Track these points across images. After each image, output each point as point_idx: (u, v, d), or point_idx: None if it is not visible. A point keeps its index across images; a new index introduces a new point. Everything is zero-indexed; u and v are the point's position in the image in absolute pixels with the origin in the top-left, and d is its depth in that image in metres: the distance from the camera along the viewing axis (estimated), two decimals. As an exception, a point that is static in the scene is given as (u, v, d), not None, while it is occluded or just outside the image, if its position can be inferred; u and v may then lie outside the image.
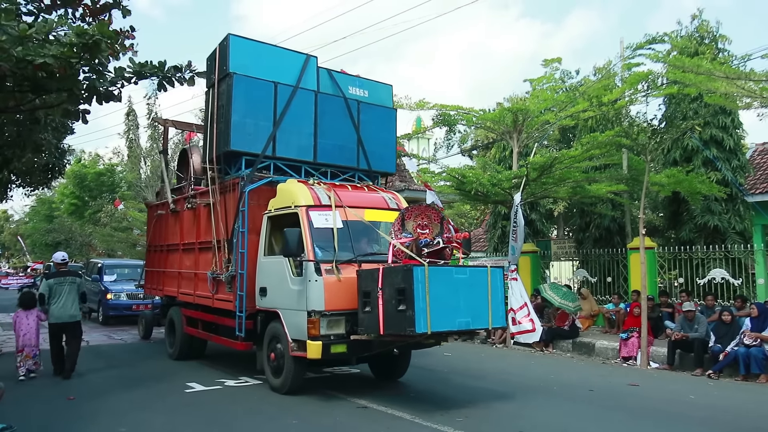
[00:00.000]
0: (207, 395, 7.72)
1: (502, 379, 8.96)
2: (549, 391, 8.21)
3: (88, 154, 41.44)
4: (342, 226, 7.59)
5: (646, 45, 12.49)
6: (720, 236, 13.84)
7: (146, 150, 34.90)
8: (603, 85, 13.37)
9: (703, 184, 12.75)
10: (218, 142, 8.74)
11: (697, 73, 10.72)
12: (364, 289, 6.82)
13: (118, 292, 16.71)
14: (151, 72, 6.26)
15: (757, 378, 8.98)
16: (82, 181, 38.10)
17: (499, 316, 6.93)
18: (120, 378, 8.86)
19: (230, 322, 8.71)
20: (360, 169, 9.54)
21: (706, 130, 14.17)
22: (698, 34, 14.82)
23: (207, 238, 9.54)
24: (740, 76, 10.49)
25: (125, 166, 36.83)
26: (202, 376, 8.82)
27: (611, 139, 12.49)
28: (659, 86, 12.96)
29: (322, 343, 6.93)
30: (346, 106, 9.43)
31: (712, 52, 13.99)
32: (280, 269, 7.66)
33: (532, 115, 13.70)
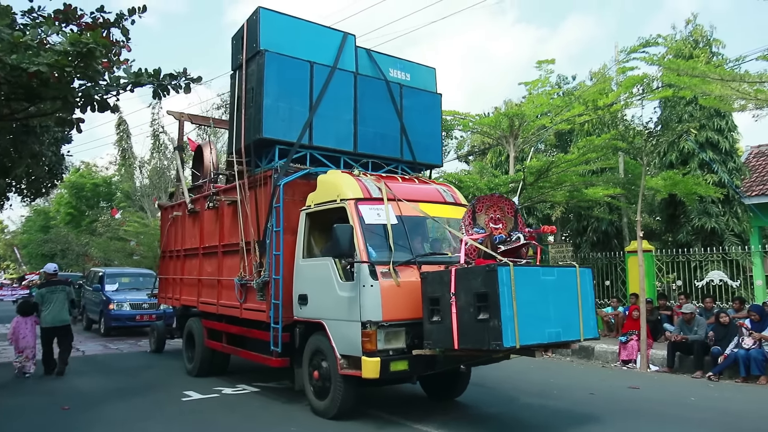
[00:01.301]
0: (204, 404, 7.55)
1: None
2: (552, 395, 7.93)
3: (86, 165, 40.95)
4: (396, 222, 6.52)
5: (640, 48, 12.53)
6: (717, 238, 13.95)
7: (142, 159, 34.68)
8: (598, 89, 13.60)
9: (700, 186, 12.84)
10: (247, 129, 7.69)
11: (692, 75, 10.84)
12: (430, 295, 5.74)
13: (120, 301, 15.69)
14: (146, 80, 6.23)
15: (757, 380, 8.99)
16: (79, 191, 37.95)
17: (590, 325, 5.85)
18: (116, 388, 8.62)
19: (262, 335, 7.64)
20: (404, 160, 8.48)
21: (701, 133, 14.39)
22: (692, 38, 15.12)
23: (233, 240, 8.48)
24: (735, 78, 10.57)
25: (121, 176, 36.24)
26: (199, 385, 8.65)
27: (607, 142, 12.85)
28: (654, 90, 13.22)
29: (380, 359, 5.84)
30: (387, 89, 8.40)
31: (707, 56, 14.17)
32: (324, 273, 6.59)
33: (528, 119, 13.61)
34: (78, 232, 37.32)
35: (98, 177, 39.56)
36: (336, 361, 6.30)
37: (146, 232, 26.75)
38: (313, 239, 7.22)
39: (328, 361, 6.51)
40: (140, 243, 28.12)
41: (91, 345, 14.06)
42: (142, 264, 25.39)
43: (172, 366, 10.73)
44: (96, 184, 38.68)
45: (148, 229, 26.74)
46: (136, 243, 28.33)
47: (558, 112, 13.92)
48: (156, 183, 31.84)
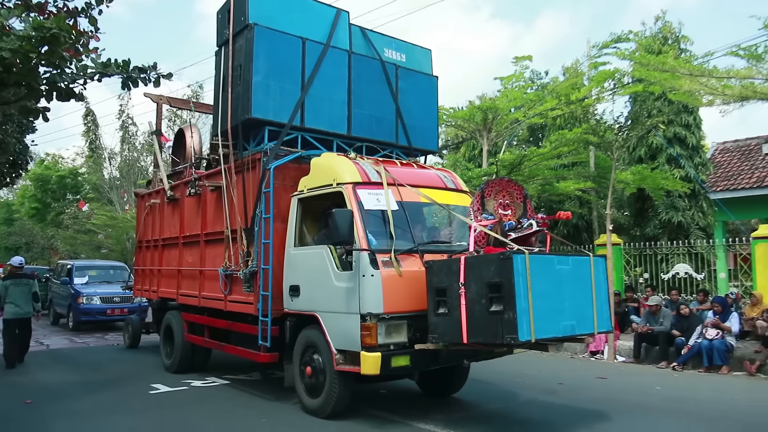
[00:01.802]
0: (173, 396, 7.40)
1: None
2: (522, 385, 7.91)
3: (51, 157, 39.73)
4: (397, 208, 6.11)
5: (612, 44, 12.78)
6: (683, 232, 14.22)
7: (111, 151, 33.96)
8: (571, 83, 13.84)
9: (667, 180, 13.12)
10: (234, 109, 7.19)
11: (661, 70, 11.04)
12: (437, 285, 5.34)
13: (90, 295, 15.04)
14: (114, 71, 6.12)
15: (719, 369, 9.21)
16: (45, 184, 36.75)
17: (604, 318, 5.51)
18: (81, 381, 8.37)
19: (248, 329, 7.17)
20: (399, 145, 8.06)
21: (669, 129, 14.63)
22: (662, 34, 15.35)
23: (216, 228, 7.97)
24: (703, 74, 10.75)
25: (88, 168, 35.34)
26: (168, 378, 8.49)
27: (579, 136, 12.98)
28: (625, 85, 13.47)
29: (381, 354, 5.42)
30: (383, 70, 7.96)
31: (675, 52, 14.38)
32: (318, 262, 6.14)
33: (502, 113, 13.66)
34: (43, 225, 36.22)
35: (64, 169, 38.38)
36: (331, 357, 5.87)
37: (115, 225, 26.21)
38: (306, 227, 6.78)
39: (322, 357, 6.07)
40: (108, 236, 27.58)
41: (56, 339, 13.68)
42: (110, 257, 24.93)
43: (140, 359, 10.55)
44: (62, 176, 37.31)
45: (117, 222, 26.19)
46: (104, 236, 27.76)
47: (531, 106, 14.11)
48: (125, 175, 31.14)
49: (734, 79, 10.62)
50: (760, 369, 8.97)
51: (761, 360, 8.98)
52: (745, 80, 10.48)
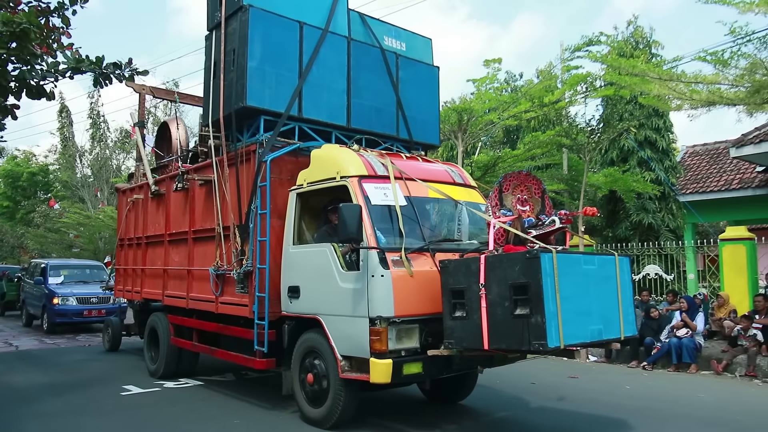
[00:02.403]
0: (144, 398, 7.30)
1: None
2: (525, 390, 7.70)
3: (22, 152, 38.81)
4: (405, 203, 5.70)
5: (584, 47, 12.94)
6: (654, 233, 14.39)
7: (83, 148, 33.51)
8: (544, 86, 14.00)
9: (638, 183, 13.36)
10: (227, 97, 6.71)
11: (632, 74, 11.15)
12: (453, 286, 4.95)
13: (65, 295, 14.37)
14: (87, 68, 5.96)
15: (688, 368, 9.33)
16: (14, 181, 35.95)
17: (629, 321, 5.17)
18: (51, 383, 8.21)
19: (242, 333, 6.72)
20: (399, 138, 7.65)
21: (640, 132, 14.87)
22: (633, 39, 15.57)
23: (206, 225, 7.49)
24: (672, 78, 10.85)
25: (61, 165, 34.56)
26: (140, 379, 8.34)
27: (552, 138, 13.32)
28: (597, 88, 13.64)
29: (392, 361, 5.01)
30: (383, 59, 7.54)
31: (646, 56, 14.65)
32: (321, 262, 5.71)
33: (477, 114, 13.74)
34: (13, 223, 35.48)
35: (35, 166, 37.44)
36: (336, 363, 5.45)
37: (87, 224, 25.73)
38: (304, 223, 6.34)
39: (325, 363, 5.64)
40: (80, 235, 27.04)
41: (26, 340, 13.41)
42: (81, 256, 24.43)
43: (112, 361, 10.38)
44: (33, 173, 36.75)
45: (89, 221, 25.72)
46: (75, 235, 27.16)
47: (505, 108, 14.26)
48: (97, 173, 30.55)
49: (702, 84, 10.68)
50: (726, 368, 9.09)
51: (728, 359, 9.12)
52: (712, 85, 10.55)
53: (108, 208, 26.75)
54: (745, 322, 9.22)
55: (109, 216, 24.86)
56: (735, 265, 10.81)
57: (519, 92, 15.44)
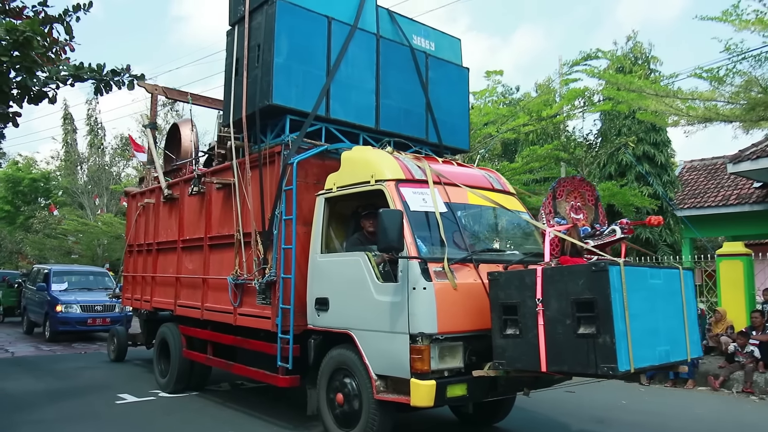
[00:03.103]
0: (140, 407, 7.29)
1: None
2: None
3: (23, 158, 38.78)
4: (446, 209, 5.28)
5: (582, 62, 13.15)
6: (651, 248, 14.22)
7: (83, 155, 33.65)
8: (543, 100, 14.28)
9: (636, 197, 13.44)
10: (250, 96, 6.31)
11: (629, 90, 11.29)
12: (505, 301, 4.52)
13: (69, 303, 13.82)
14: (88, 75, 5.96)
15: (686, 383, 9.16)
16: (15, 186, 35.74)
17: (695, 340, 4.74)
18: (46, 390, 8.19)
19: (263, 347, 6.28)
20: (429, 142, 7.24)
21: (639, 146, 14.85)
22: (632, 54, 15.60)
23: (224, 231, 7.07)
24: (668, 94, 10.89)
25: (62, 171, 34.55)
26: (135, 387, 8.31)
27: (550, 152, 13.54)
28: (595, 103, 13.87)
29: (435, 382, 4.57)
30: (412, 58, 7.15)
31: (645, 71, 14.66)
32: (353, 272, 5.28)
33: (475, 127, 13.71)
34: (12, 229, 35.38)
35: (37, 172, 37.30)
36: (370, 383, 5.01)
37: (85, 230, 25.69)
38: (333, 231, 5.91)
39: (358, 382, 5.20)
40: (78, 241, 26.94)
41: (22, 346, 13.28)
42: (79, 263, 24.34)
43: (108, 368, 10.32)
44: (34, 179, 36.54)
45: (88, 227, 25.73)
46: (74, 241, 26.99)
47: (504, 121, 14.28)
48: (96, 180, 30.47)
49: (698, 101, 10.75)
50: (723, 384, 8.99)
51: (725, 375, 9.00)
52: (708, 102, 10.60)
53: (107, 215, 26.59)
54: (742, 339, 9.11)
55: (107, 223, 24.68)
56: (732, 281, 10.64)
57: (517, 106, 15.60)
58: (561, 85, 14.95)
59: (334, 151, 6.20)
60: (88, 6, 5.95)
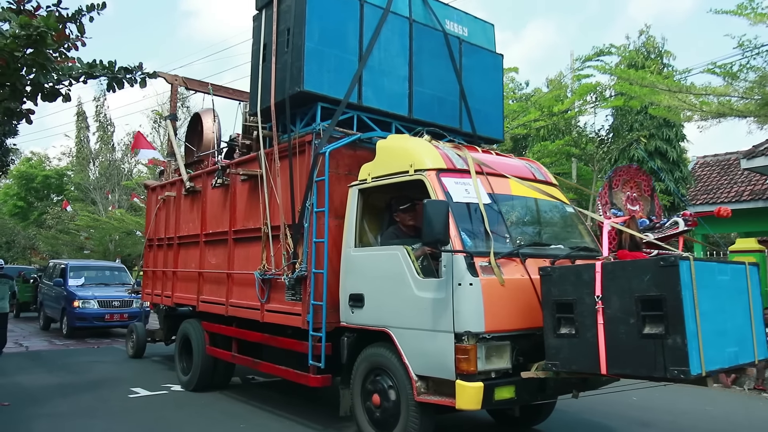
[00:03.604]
0: (152, 400, 7.35)
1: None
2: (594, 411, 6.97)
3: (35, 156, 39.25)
4: (489, 201, 4.98)
5: (595, 57, 13.18)
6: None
7: (95, 151, 33.92)
8: (554, 95, 14.27)
9: None
10: (279, 82, 6.04)
11: (641, 85, 11.23)
12: (559, 298, 4.22)
13: (87, 298, 13.63)
14: (100, 72, 6.01)
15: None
16: (29, 183, 36.12)
17: (762, 341, 4.41)
18: (60, 384, 8.25)
19: (292, 345, 6.02)
20: (462, 132, 6.93)
21: (651, 142, 14.77)
22: (645, 49, 15.44)
23: (250, 224, 6.81)
24: (682, 90, 10.86)
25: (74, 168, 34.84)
26: (148, 381, 8.35)
27: (561, 148, 13.60)
28: (606, 98, 13.72)
29: (483, 384, 4.28)
30: (446, 44, 6.84)
31: (658, 66, 14.57)
32: (391, 267, 5.00)
33: None
34: (25, 224, 35.91)
35: (50, 169, 37.58)
36: (409, 384, 4.73)
37: (97, 226, 25.86)
38: (367, 224, 5.63)
39: (396, 383, 4.92)
40: (91, 237, 27.24)
41: (35, 340, 13.46)
42: (91, 258, 24.48)
43: (119, 363, 10.38)
44: (47, 176, 36.94)
45: (100, 223, 25.93)
46: (86, 237, 27.12)
47: (515, 116, 14.22)
48: (108, 177, 30.65)
49: (712, 96, 10.66)
50: (735, 381, 8.88)
51: (736, 372, 8.57)
52: (722, 97, 10.50)
53: (118, 210, 26.68)
54: None
55: (119, 219, 24.72)
56: (745, 278, 10.34)
57: (528, 101, 15.73)
58: (573, 80, 14.95)
59: (368, 140, 5.92)
60: (101, 6, 5.85)
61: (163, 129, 28.80)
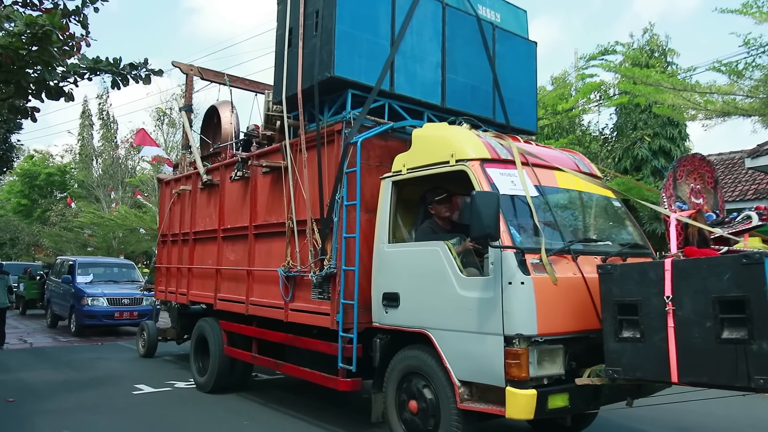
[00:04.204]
0: (156, 397, 7.35)
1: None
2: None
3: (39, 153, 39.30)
4: (537, 193, 4.64)
5: (599, 56, 13.20)
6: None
7: (98, 149, 34.17)
8: (558, 93, 14.40)
9: (652, 192, 13.53)
10: (307, 68, 5.70)
11: (646, 83, 11.21)
12: (621, 298, 3.87)
13: (96, 296, 13.34)
14: (105, 68, 5.96)
15: None
16: (32, 180, 36.48)
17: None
18: (64, 380, 8.22)
19: (318, 346, 5.70)
20: (495, 122, 6.59)
21: (654, 141, 14.63)
22: (649, 47, 15.30)
23: (272, 219, 6.49)
24: (686, 88, 10.81)
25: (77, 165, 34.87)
26: (151, 378, 8.34)
27: (565, 146, 13.27)
28: (611, 96, 13.75)
29: (536, 392, 3.94)
30: (479, 29, 6.49)
31: (662, 65, 14.50)
32: (430, 264, 4.66)
33: None
34: (29, 222, 36.07)
35: (54, 166, 37.55)
36: (452, 390, 4.40)
37: (101, 223, 25.79)
38: (401, 218, 5.30)
39: (435, 389, 4.58)
40: (94, 234, 27.34)
41: (39, 337, 13.48)
42: (95, 255, 24.38)
43: (123, 359, 10.38)
44: (50, 174, 37.01)
45: (103, 220, 25.94)
46: (89, 234, 27.05)
47: None
48: (112, 174, 30.57)
49: (716, 95, 10.60)
50: None
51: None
52: (726, 96, 10.44)
53: (122, 207, 26.55)
54: None
55: (123, 216, 24.57)
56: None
57: None
58: (577, 79, 14.81)
59: (401, 130, 5.58)
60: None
61: (167, 126, 28.61)
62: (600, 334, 4.12)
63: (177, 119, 26.86)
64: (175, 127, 28.04)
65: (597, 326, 4.21)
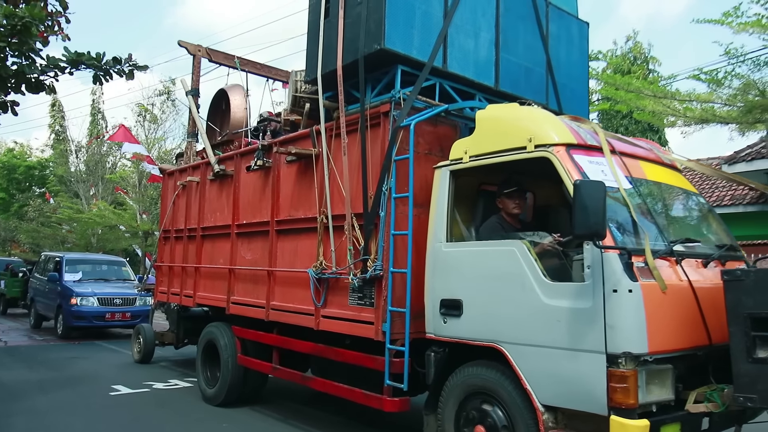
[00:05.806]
0: (133, 398, 7.21)
1: None
2: None
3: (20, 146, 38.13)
4: (629, 185, 3.97)
5: None
6: None
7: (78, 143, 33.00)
8: None
9: None
10: (349, 41, 4.98)
11: (627, 90, 11.42)
12: (755, 310, 3.21)
13: (86, 295, 12.40)
14: (87, 63, 5.78)
15: None
16: (10, 173, 35.26)
17: None
18: (39, 380, 8.07)
19: (357, 359, 5.01)
20: (549, 108, 5.86)
21: None
22: (632, 54, 15.74)
23: (299, 213, 5.76)
24: (666, 96, 11.03)
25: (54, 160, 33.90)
26: (129, 379, 8.15)
27: None
28: (593, 102, 13.58)
29: (649, 423, 3.27)
30: (533, 6, 5.82)
31: (644, 72, 14.72)
32: (504, 266, 3.98)
33: None
34: (6, 216, 34.78)
35: (33, 160, 36.45)
36: (532, 416, 3.72)
37: (80, 219, 24.94)
38: (458, 214, 4.60)
39: (510, 413, 3.90)
40: (73, 230, 26.59)
41: (14, 335, 13.13)
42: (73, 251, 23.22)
43: (100, 359, 10.17)
44: (30, 167, 35.95)
45: (83, 216, 24.91)
46: (68, 230, 26.76)
47: None
48: (92, 169, 29.65)
49: (696, 102, 10.70)
50: None
51: None
52: (705, 104, 10.63)
53: (101, 203, 25.65)
54: None
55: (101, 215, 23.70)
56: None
57: None
58: None
59: (455, 113, 4.90)
60: None
61: (149, 123, 27.64)
62: (709, 351, 3.50)
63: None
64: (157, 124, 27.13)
65: (705, 342, 3.61)
